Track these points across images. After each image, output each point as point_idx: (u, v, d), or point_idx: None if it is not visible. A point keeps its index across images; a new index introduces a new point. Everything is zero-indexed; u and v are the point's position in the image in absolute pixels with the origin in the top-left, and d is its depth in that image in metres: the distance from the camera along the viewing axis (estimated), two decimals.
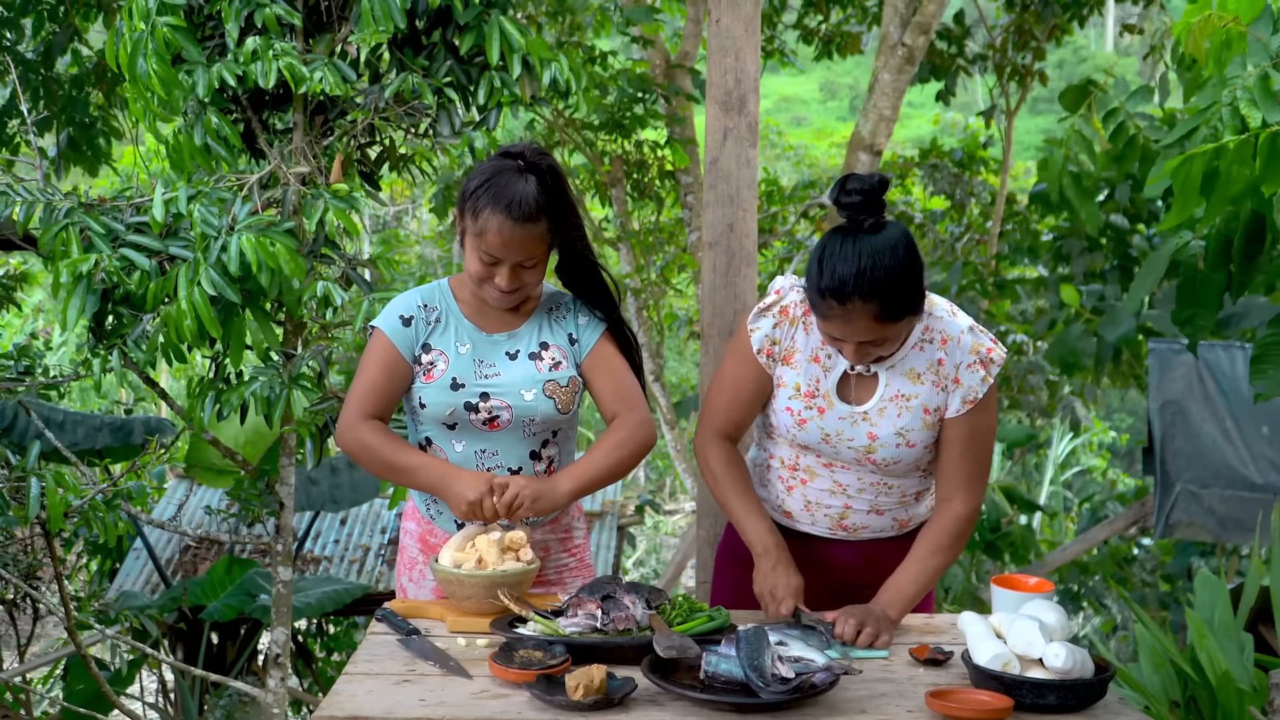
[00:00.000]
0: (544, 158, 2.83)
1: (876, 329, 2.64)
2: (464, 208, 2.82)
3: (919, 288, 2.65)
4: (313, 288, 3.91)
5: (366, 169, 4.52)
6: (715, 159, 3.56)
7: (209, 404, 4.11)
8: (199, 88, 3.94)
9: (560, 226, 2.83)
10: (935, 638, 2.74)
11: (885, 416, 2.81)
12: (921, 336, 2.80)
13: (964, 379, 2.79)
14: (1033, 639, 2.34)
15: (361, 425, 2.89)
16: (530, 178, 2.78)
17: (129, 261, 3.86)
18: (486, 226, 2.76)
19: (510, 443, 2.91)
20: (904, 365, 2.80)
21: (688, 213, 9.86)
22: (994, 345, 2.81)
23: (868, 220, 2.63)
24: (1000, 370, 2.78)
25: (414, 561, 3.07)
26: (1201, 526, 7.91)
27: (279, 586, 4.65)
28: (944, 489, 2.87)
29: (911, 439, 2.81)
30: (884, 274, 2.58)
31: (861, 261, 2.58)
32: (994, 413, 2.84)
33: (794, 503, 2.97)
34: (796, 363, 2.86)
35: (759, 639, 2.32)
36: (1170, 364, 8.28)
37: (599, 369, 2.96)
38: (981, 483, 2.85)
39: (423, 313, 2.94)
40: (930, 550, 2.83)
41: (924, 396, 2.80)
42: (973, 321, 2.83)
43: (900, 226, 2.65)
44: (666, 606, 2.59)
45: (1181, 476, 7.91)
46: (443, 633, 2.68)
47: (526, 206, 2.75)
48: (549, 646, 2.43)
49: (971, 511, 2.85)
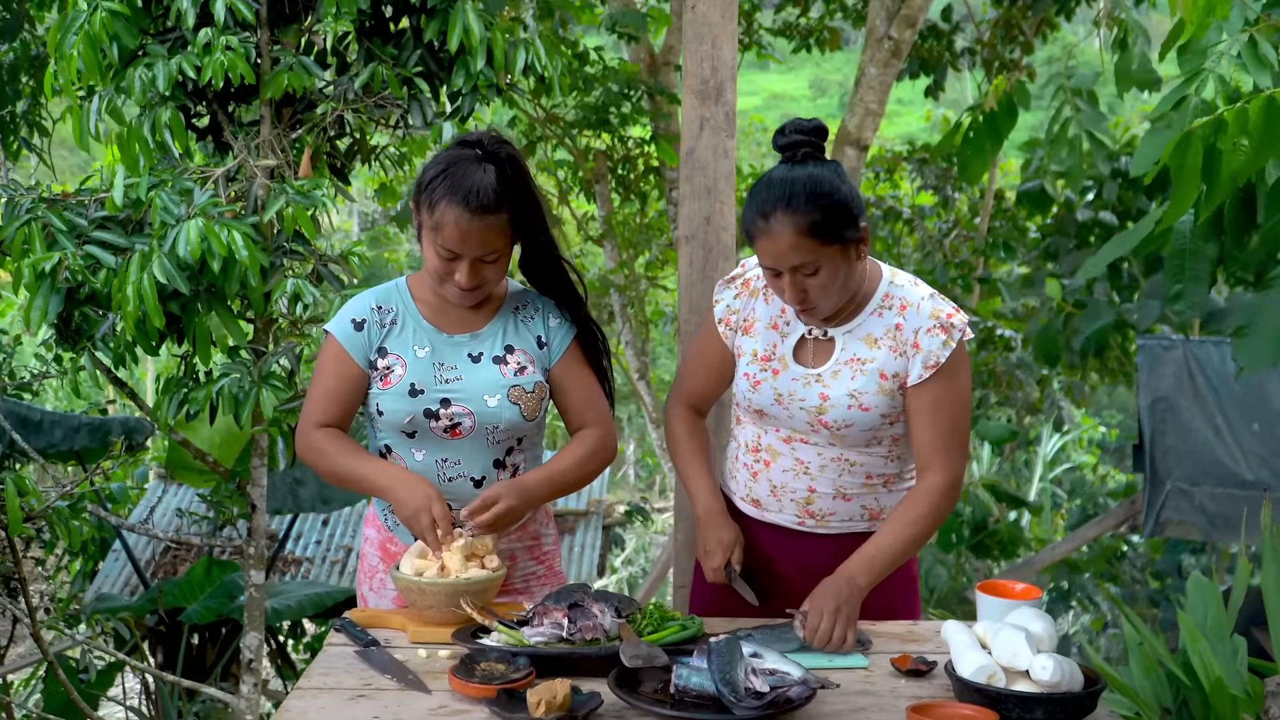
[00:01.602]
0: (503, 146, 2.71)
1: (804, 247, 2.59)
2: (420, 200, 2.69)
3: (845, 212, 2.62)
4: (282, 284, 3.80)
5: (337, 163, 4.41)
6: (692, 149, 3.45)
7: (174, 403, 4.01)
8: (159, 80, 3.85)
9: (522, 219, 2.71)
10: (918, 646, 2.63)
11: (839, 379, 2.76)
12: (881, 303, 2.77)
13: (923, 344, 2.73)
14: (1019, 649, 2.23)
15: (315, 433, 2.78)
16: (489, 167, 2.66)
17: (94, 259, 3.76)
18: (443, 219, 2.64)
19: (473, 451, 2.79)
20: (861, 330, 2.77)
21: (673, 209, 9.76)
22: (955, 311, 2.76)
23: (800, 153, 2.65)
24: (967, 338, 2.73)
25: (374, 570, 2.95)
26: (1192, 525, 7.83)
27: (251, 590, 4.55)
28: (920, 461, 2.80)
29: (865, 402, 2.75)
30: (807, 189, 2.59)
31: (785, 183, 2.62)
32: (963, 382, 2.76)
33: (760, 488, 2.90)
34: (756, 331, 2.85)
35: (731, 650, 2.21)
36: (1160, 360, 8.19)
37: (568, 378, 2.86)
38: (958, 452, 2.77)
39: (376, 315, 2.82)
40: (905, 520, 2.75)
41: (880, 361, 2.75)
42: (934, 291, 2.79)
43: (833, 162, 2.67)
44: (637, 615, 2.47)
45: (1172, 474, 7.83)
46: (404, 644, 2.56)
47: (485, 197, 2.63)
48: (512, 658, 2.32)
49: (948, 483, 2.76)
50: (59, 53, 3.85)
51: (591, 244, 10.46)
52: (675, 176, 9.70)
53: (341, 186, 4.41)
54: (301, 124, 4.20)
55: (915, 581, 2.97)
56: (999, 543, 10.71)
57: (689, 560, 3.53)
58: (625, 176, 9.92)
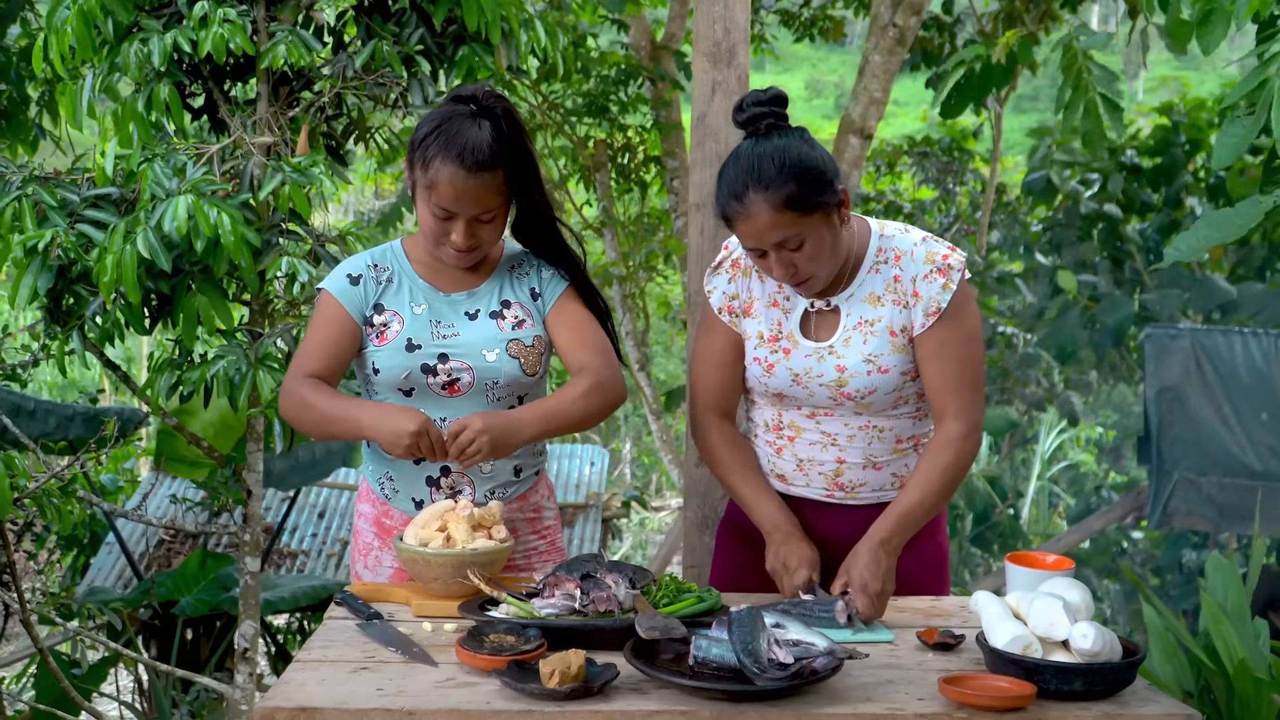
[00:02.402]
0: (499, 101, 2.61)
1: (783, 222, 2.49)
2: (413, 158, 2.59)
3: (819, 177, 2.50)
4: (277, 263, 3.71)
5: (334, 142, 4.32)
6: (703, 115, 3.34)
7: (166, 384, 3.91)
8: (154, 56, 3.76)
9: (518, 176, 2.61)
10: (944, 621, 2.52)
11: (851, 346, 2.66)
12: (876, 259, 2.67)
13: (922, 290, 2.63)
14: (1056, 619, 2.12)
15: (301, 383, 2.64)
16: (484, 123, 2.57)
17: (86, 238, 3.67)
18: (438, 177, 2.55)
19: (473, 408, 2.67)
20: (862, 291, 2.67)
21: (674, 198, 9.65)
22: (950, 251, 2.65)
23: (763, 125, 2.54)
24: (966, 277, 2.64)
25: (369, 547, 2.83)
26: (1200, 515, 7.75)
27: (246, 578, 4.45)
28: (935, 408, 2.70)
29: (883, 364, 2.64)
30: (773, 161, 2.48)
31: (752, 159, 2.51)
32: (969, 323, 2.66)
33: (785, 464, 2.79)
34: (756, 312, 2.73)
35: (753, 621, 2.10)
36: (1167, 350, 8.10)
37: (564, 323, 2.74)
38: (971, 394, 2.66)
39: (372, 272, 2.73)
40: (930, 473, 2.64)
41: (887, 318, 2.65)
42: (928, 234, 2.69)
43: (800, 128, 2.56)
44: (652, 587, 2.36)
45: (1179, 464, 7.74)
46: (407, 617, 2.45)
47: (480, 154, 2.54)
48: (522, 630, 2.21)
49: (968, 428, 2.66)
50: (51, 28, 3.76)
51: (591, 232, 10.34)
52: (676, 166, 9.60)
53: (339, 168, 4.32)
54: (299, 102, 4.11)
55: (945, 558, 2.86)
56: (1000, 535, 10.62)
57: (700, 539, 3.43)
58: (625, 165, 9.81)
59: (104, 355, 4.05)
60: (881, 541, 2.57)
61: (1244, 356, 7.84)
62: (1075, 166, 14.20)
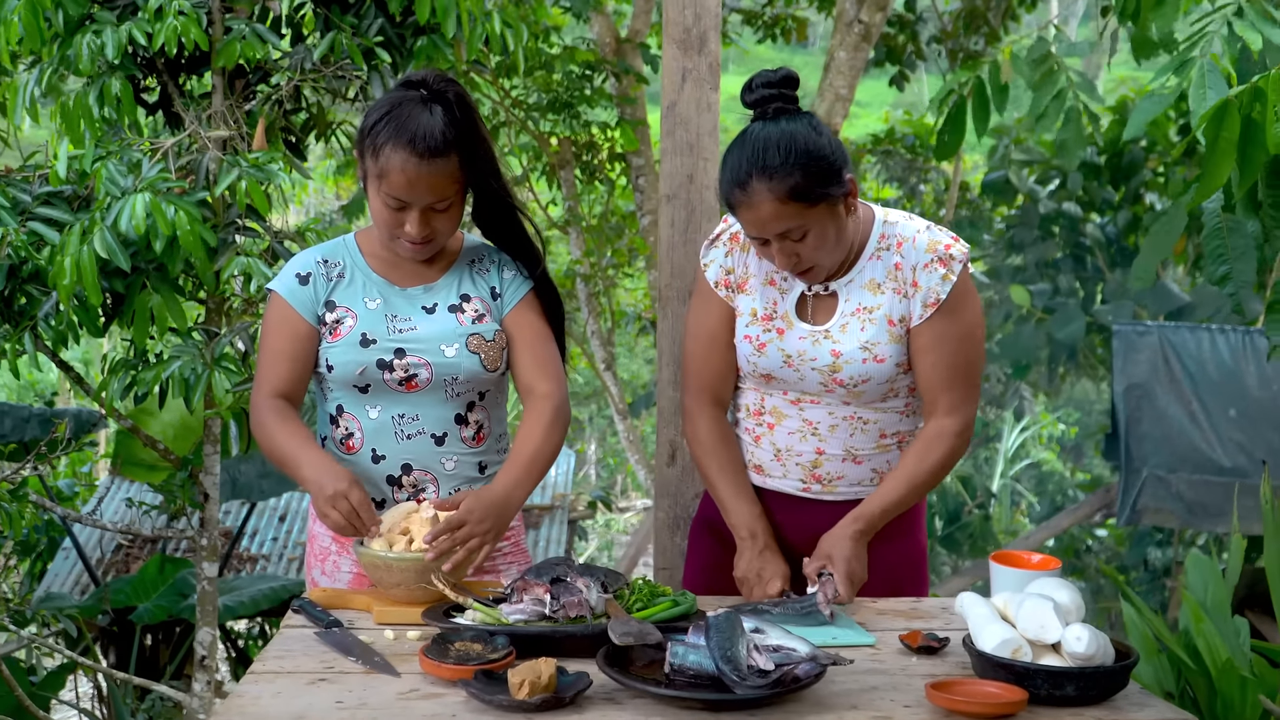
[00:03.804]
0: (450, 85, 2.51)
1: (787, 213, 2.40)
2: (363, 146, 2.49)
3: (827, 167, 2.41)
4: (233, 261, 3.60)
5: (292, 137, 4.21)
6: (673, 103, 3.24)
7: (120, 385, 3.80)
8: (108, 48, 3.66)
9: (473, 162, 2.51)
10: (925, 623, 2.44)
11: (848, 332, 2.56)
12: (878, 245, 2.58)
13: (922, 280, 2.55)
14: (1046, 621, 2.04)
15: (265, 405, 2.55)
16: (436, 108, 2.46)
17: (38, 236, 3.57)
18: (389, 165, 2.44)
19: (431, 405, 2.58)
20: (862, 278, 2.58)
21: (639, 196, 9.57)
22: (953, 241, 2.57)
23: (771, 109, 2.45)
24: (968, 268, 2.56)
25: (325, 552, 2.71)
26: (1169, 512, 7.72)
27: (204, 584, 4.34)
28: (926, 402, 2.62)
29: (879, 353, 2.55)
30: (780, 149, 2.38)
31: (757, 145, 2.41)
32: (969, 316, 2.58)
33: (763, 453, 2.69)
34: (751, 288, 2.64)
35: (731, 626, 2.01)
36: (1135, 346, 8.07)
37: (519, 334, 2.64)
38: (966, 390, 2.59)
39: (322, 268, 2.61)
40: (911, 466, 2.58)
41: (887, 306, 2.56)
42: (931, 223, 2.60)
43: (808, 114, 2.46)
44: (625, 591, 2.27)
45: (1148, 461, 7.71)
46: (368, 625, 2.34)
47: (433, 140, 2.43)
48: (489, 638, 2.11)
49: (959, 425, 2.59)
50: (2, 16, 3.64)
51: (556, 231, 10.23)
52: (641, 164, 9.51)
53: (298, 163, 4.21)
54: (255, 96, 4.00)
55: (925, 556, 2.78)
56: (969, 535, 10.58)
57: (671, 540, 3.33)
58: (590, 163, 9.71)
59: (57, 356, 3.94)
60: (861, 530, 2.52)
61: (1212, 353, 7.83)
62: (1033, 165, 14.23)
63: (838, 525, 2.54)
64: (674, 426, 3.32)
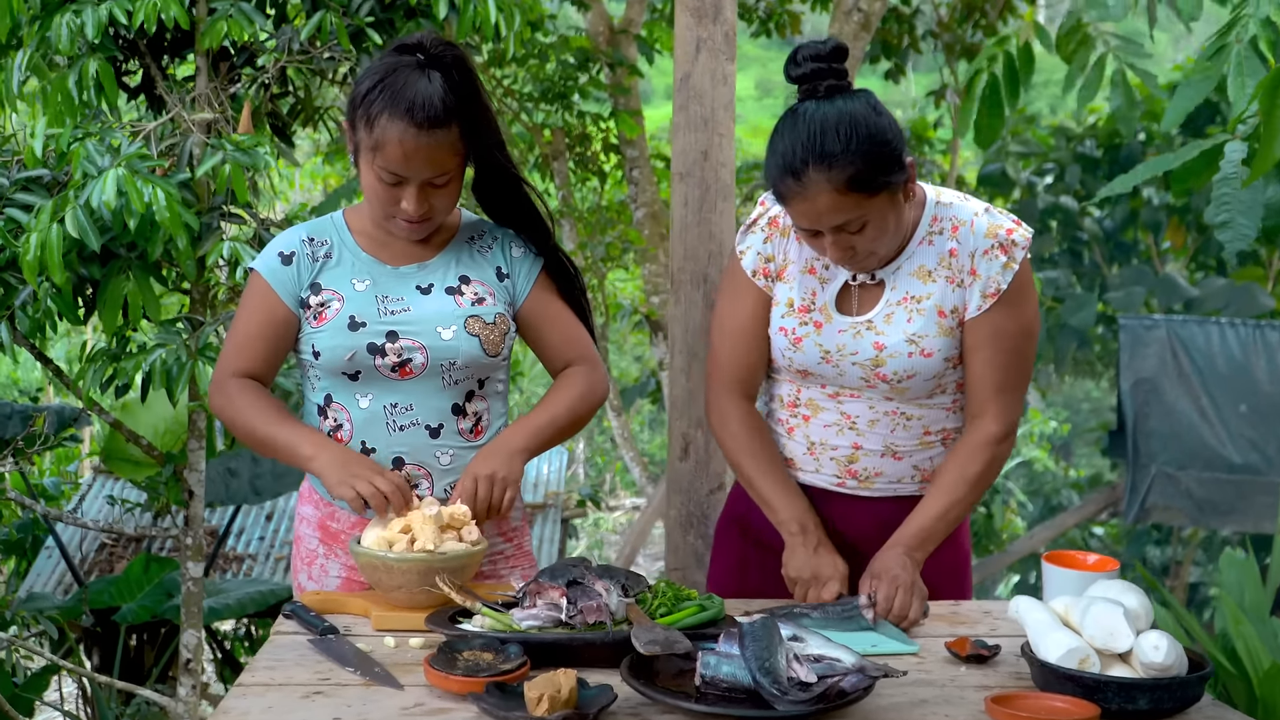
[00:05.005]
0: (448, 49, 2.31)
1: (845, 204, 2.19)
2: (355, 117, 2.29)
3: (889, 153, 2.20)
4: (218, 248, 3.42)
5: (279, 122, 4.03)
6: (687, 75, 3.05)
7: (98, 375, 3.62)
8: (88, 28, 3.49)
9: (474, 132, 2.31)
10: (969, 629, 2.26)
11: (893, 323, 2.36)
12: (929, 229, 2.36)
13: (981, 269, 2.34)
14: (1116, 628, 1.85)
15: (230, 383, 2.38)
16: (434, 74, 2.27)
17: (15, 223, 3.41)
18: (384, 137, 2.25)
19: (427, 394, 2.39)
20: (911, 265, 2.36)
21: (634, 188, 9.38)
22: (1015, 226, 2.36)
23: (822, 87, 2.21)
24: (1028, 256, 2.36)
25: (312, 555, 2.51)
26: (1179, 510, 7.55)
27: (189, 584, 4.16)
28: (973, 404, 2.41)
29: (926, 346, 2.35)
30: (839, 134, 2.16)
31: (812, 128, 2.18)
32: (1028, 310, 2.38)
33: (795, 446, 2.49)
34: (790, 276, 2.43)
35: (769, 633, 1.82)
36: (1142, 340, 7.89)
37: (542, 314, 2.48)
38: (1016, 394, 2.40)
39: (307, 247, 2.42)
40: (958, 479, 2.38)
41: (938, 295, 2.35)
42: (989, 205, 2.39)
43: (866, 91, 2.24)
44: (647, 595, 2.08)
45: (1156, 458, 7.54)
46: (366, 631, 2.15)
47: (432, 109, 2.24)
48: (501, 646, 1.92)
49: (1004, 431, 2.39)
50: None
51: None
52: (635, 155, 9.33)
53: (285, 149, 4.03)
54: (241, 78, 3.82)
55: (968, 560, 2.59)
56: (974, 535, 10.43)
57: (684, 539, 3.15)
58: (583, 154, 9.51)
59: (36, 348, 3.76)
60: (902, 553, 2.32)
61: (1221, 347, 7.66)
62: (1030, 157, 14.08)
63: (883, 549, 2.35)
64: (687, 418, 3.13)
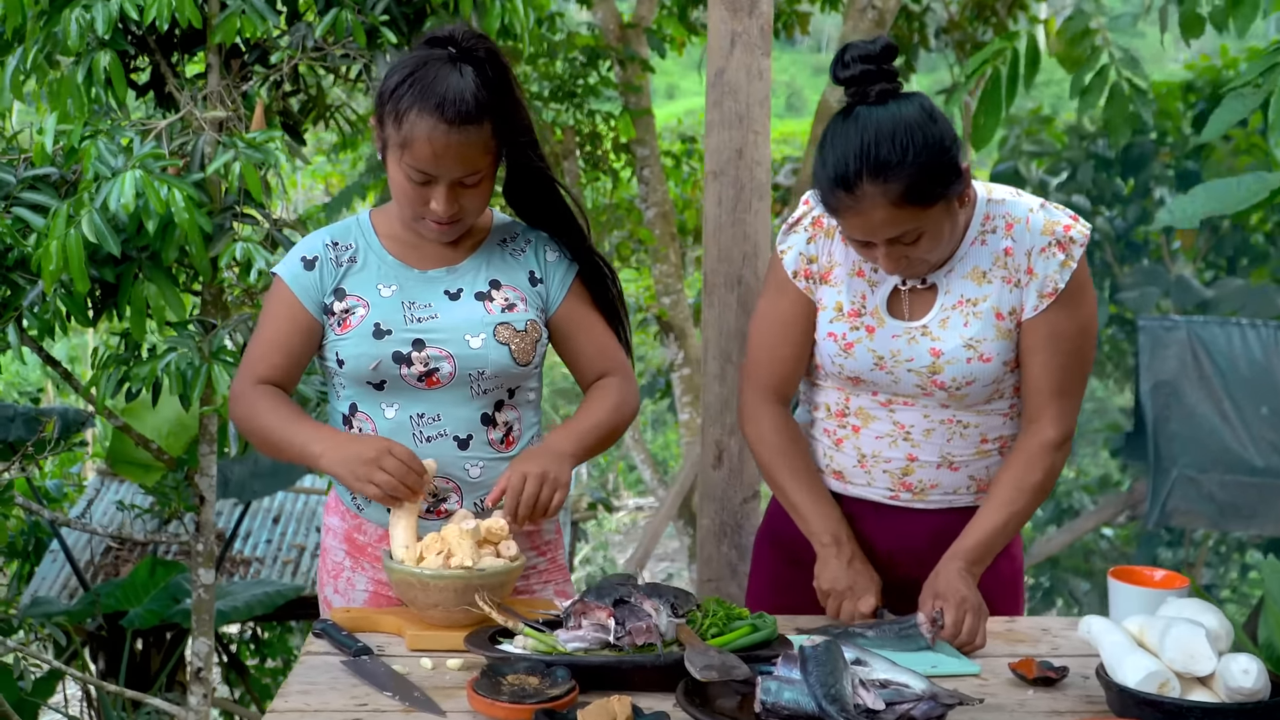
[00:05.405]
0: (481, 41, 2.22)
1: (900, 217, 2.09)
2: (383, 112, 2.20)
3: (947, 162, 2.10)
4: (230, 249, 3.33)
5: (290, 120, 3.94)
6: (721, 70, 2.95)
7: (111, 380, 3.53)
8: (98, 23, 3.40)
9: (507, 130, 2.23)
10: (1029, 647, 2.16)
11: (949, 327, 2.25)
12: (982, 228, 2.26)
13: (1038, 267, 2.23)
14: (1198, 650, 1.76)
15: (250, 391, 2.30)
16: (466, 68, 2.18)
17: (24, 223, 3.32)
18: (414, 134, 2.16)
19: (455, 404, 2.29)
20: (964, 266, 2.26)
21: (644, 187, 9.29)
22: (1073, 222, 2.25)
23: (874, 91, 2.10)
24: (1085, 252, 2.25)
25: (339, 568, 2.41)
26: (1200, 514, 7.46)
27: (200, 591, 4.06)
28: (1030, 408, 2.31)
29: (985, 351, 2.24)
30: (895, 144, 2.06)
31: (865, 137, 2.08)
32: (1087, 309, 2.28)
33: (845, 458, 2.39)
34: (836, 279, 2.32)
35: (832, 657, 1.73)
36: (1162, 342, 7.79)
37: (576, 323, 2.39)
38: (1074, 398, 2.30)
39: (331, 251, 2.33)
40: (1017, 489, 2.27)
41: (994, 297, 2.25)
42: (1043, 200, 2.29)
43: (919, 94, 2.13)
44: (696, 614, 1.99)
45: (1177, 461, 7.45)
46: (401, 651, 2.06)
47: (464, 105, 2.15)
48: (547, 669, 1.83)
49: (1063, 435, 2.30)
50: None
51: None
52: (646, 154, 9.24)
53: (296, 147, 3.94)
54: (252, 75, 3.73)
55: (1020, 572, 2.49)
56: None
57: (717, 549, 3.05)
58: (593, 153, 9.42)
59: (43, 350, 3.68)
60: (961, 567, 2.22)
61: (1242, 348, 7.57)
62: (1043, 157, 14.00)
63: (940, 563, 2.25)
64: (721, 425, 3.03)
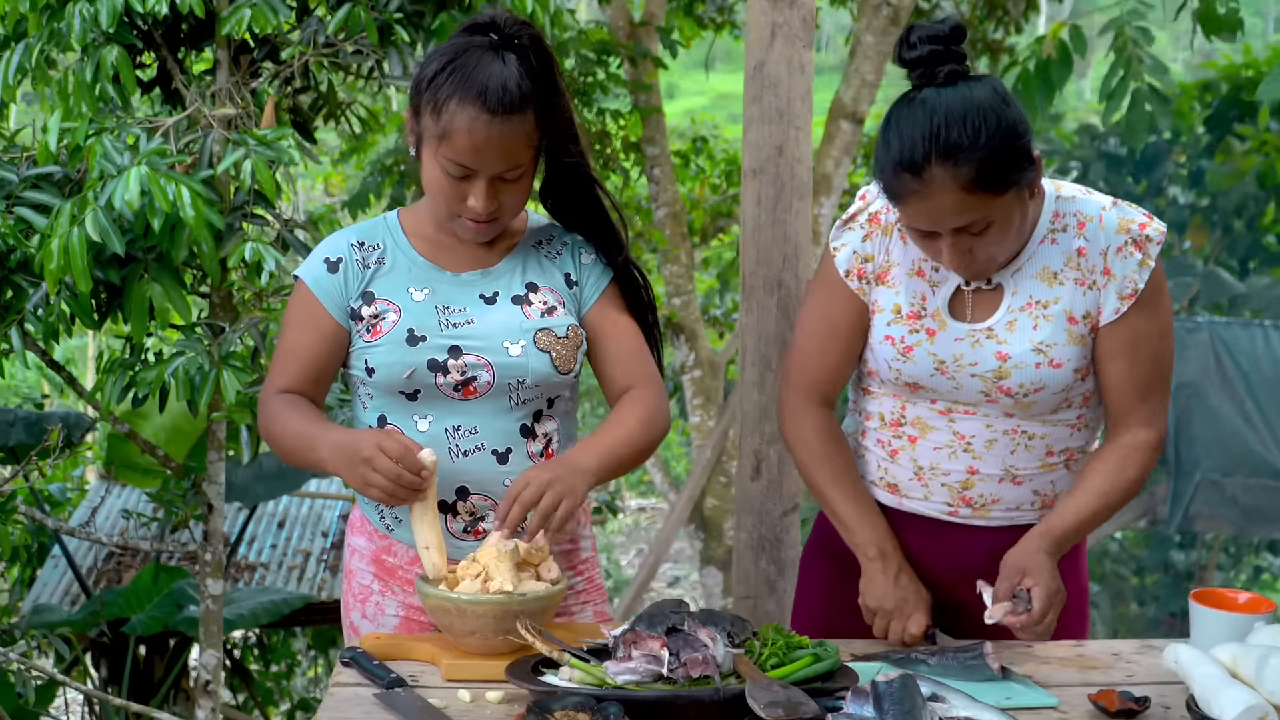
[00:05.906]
0: (524, 28, 2.10)
1: (970, 204, 1.97)
2: (420, 102, 2.09)
3: (1021, 147, 1.98)
4: (240, 249, 3.21)
5: (300, 118, 3.83)
6: (760, 64, 2.82)
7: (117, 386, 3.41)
8: (102, 16, 3.30)
9: (550, 122, 2.11)
10: (1102, 675, 2.03)
11: (1017, 330, 2.13)
12: (1051, 226, 2.14)
13: (1115, 268, 2.12)
14: None
15: (271, 400, 2.18)
16: (508, 56, 2.06)
17: (26, 223, 3.21)
18: (453, 125, 2.04)
19: (492, 415, 2.17)
20: (1033, 266, 2.14)
21: (654, 187, 9.17)
22: (1148, 220, 2.14)
23: (942, 73, 1.99)
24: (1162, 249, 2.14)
25: (366, 591, 2.28)
26: (1224, 518, 7.35)
27: (208, 602, 3.94)
28: (1116, 411, 2.19)
29: (1055, 356, 2.12)
30: (966, 126, 1.95)
31: (935, 118, 1.97)
32: (1166, 310, 2.17)
33: (900, 470, 2.26)
34: (894, 279, 2.20)
35: (909, 694, 1.60)
36: (1184, 344, 7.67)
37: (607, 329, 2.25)
38: (1163, 401, 2.19)
39: (357, 252, 2.21)
40: (1113, 482, 2.16)
41: (1066, 300, 2.13)
42: (1115, 198, 2.17)
43: (990, 77, 2.01)
44: (754, 643, 1.85)
45: (1200, 465, 7.34)
46: (436, 681, 1.93)
47: (507, 95, 2.03)
48: (597, 705, 1.70)
49: (1157, 438, 2.19)
50: None
51: None
52: (656, 154, 9.12)
53: (307, 146, 3.82)
54: (262, 72, 3.62)
55: (1086, 593, 2.37)
56: None
57: (755, 564, 2.93)
58: (603, 151, 9.29)
59: (47, 355, 3.56)
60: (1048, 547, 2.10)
61: (1266, 350, 7.45)
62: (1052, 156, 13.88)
63: (1023, 540, 2.13)
64: (759, 435, 2.91)
